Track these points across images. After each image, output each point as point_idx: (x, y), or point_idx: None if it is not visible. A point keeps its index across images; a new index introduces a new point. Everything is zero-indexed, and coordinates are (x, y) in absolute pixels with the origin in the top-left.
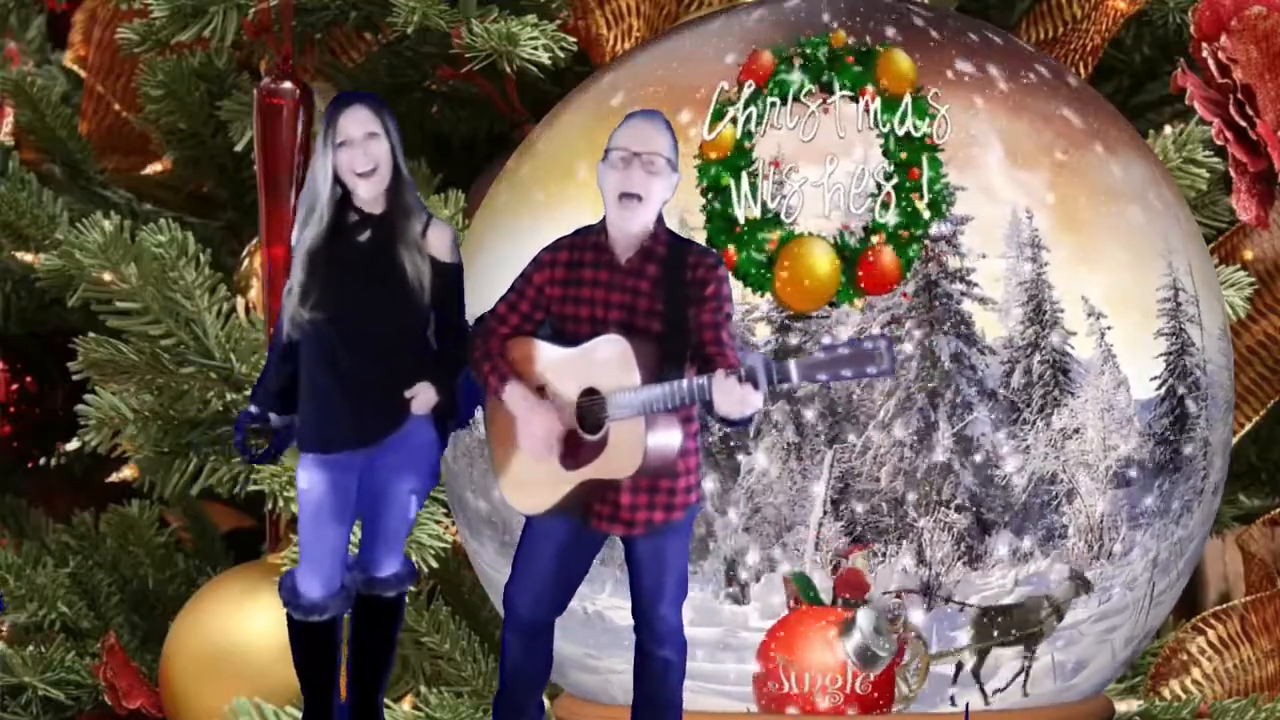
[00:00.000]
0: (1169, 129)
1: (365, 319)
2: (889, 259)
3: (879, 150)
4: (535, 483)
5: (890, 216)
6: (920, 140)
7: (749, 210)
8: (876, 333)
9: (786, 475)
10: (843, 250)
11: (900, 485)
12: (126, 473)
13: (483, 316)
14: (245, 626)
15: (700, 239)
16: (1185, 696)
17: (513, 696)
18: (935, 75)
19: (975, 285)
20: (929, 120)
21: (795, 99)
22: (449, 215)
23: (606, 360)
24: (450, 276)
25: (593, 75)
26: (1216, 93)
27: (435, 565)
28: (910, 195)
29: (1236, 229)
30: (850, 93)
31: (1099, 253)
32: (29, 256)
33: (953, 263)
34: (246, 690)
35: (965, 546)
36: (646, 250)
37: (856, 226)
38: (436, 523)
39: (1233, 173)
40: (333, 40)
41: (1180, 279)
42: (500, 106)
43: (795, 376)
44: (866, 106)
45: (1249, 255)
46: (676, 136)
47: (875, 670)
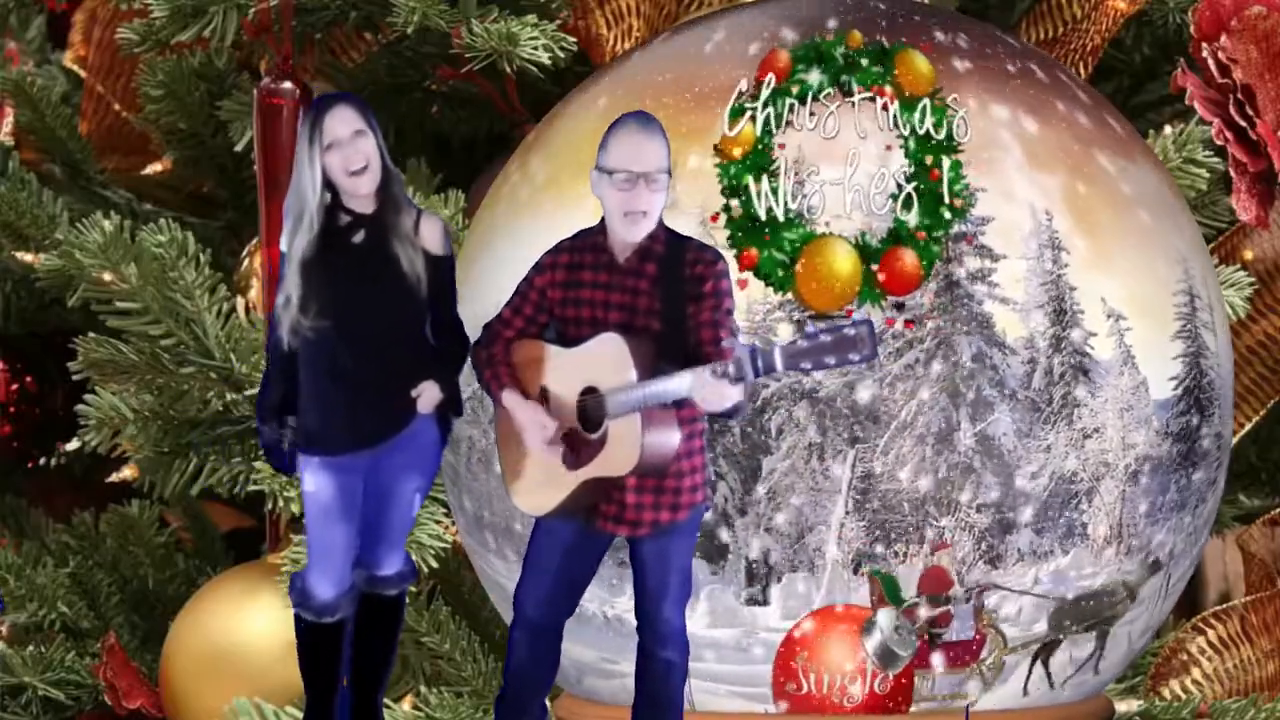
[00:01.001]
0: (1169, 129)
1: (366, 319)
2: (910, 259)
3: (899, 151)
4: (540, 484)
5: (911, 217)
6: (940, 142)
7: (770, 210)
8: (860, 317)
9: (808, 475)
10: (864, 250)
11: (922, 485)
12: (126, 473)
13: (489, 322)
14: (245, 626)
15: (721, 238)
16: (1185, 696)
17: (516, 697)
18: (951, 76)
19: (996, 286)
20: (948, 121)
21: (814, 99)
22: (449, 215)
23: (603, 358)
24: (444, 269)
25: (593, 75)
26: (1216, 93)
27: (435, 565)
28: (931, 196)
29: (1236, 229)
30: (869, 94)
31: (1117, 256)
32: (29, 256)
33: (973, 263)
34: (246, 690)
35: (986, 546)
36: (645, 249)
37: (877, 227)
38: (436, 523)
39: (1233, 173)
40: (333, 40)
41: (1195, 285)
42: (500, 106)
43: (780, 365)
44: (885, 107)
45: (1249, 255)
46: (669, 140)
47: (895, 670)
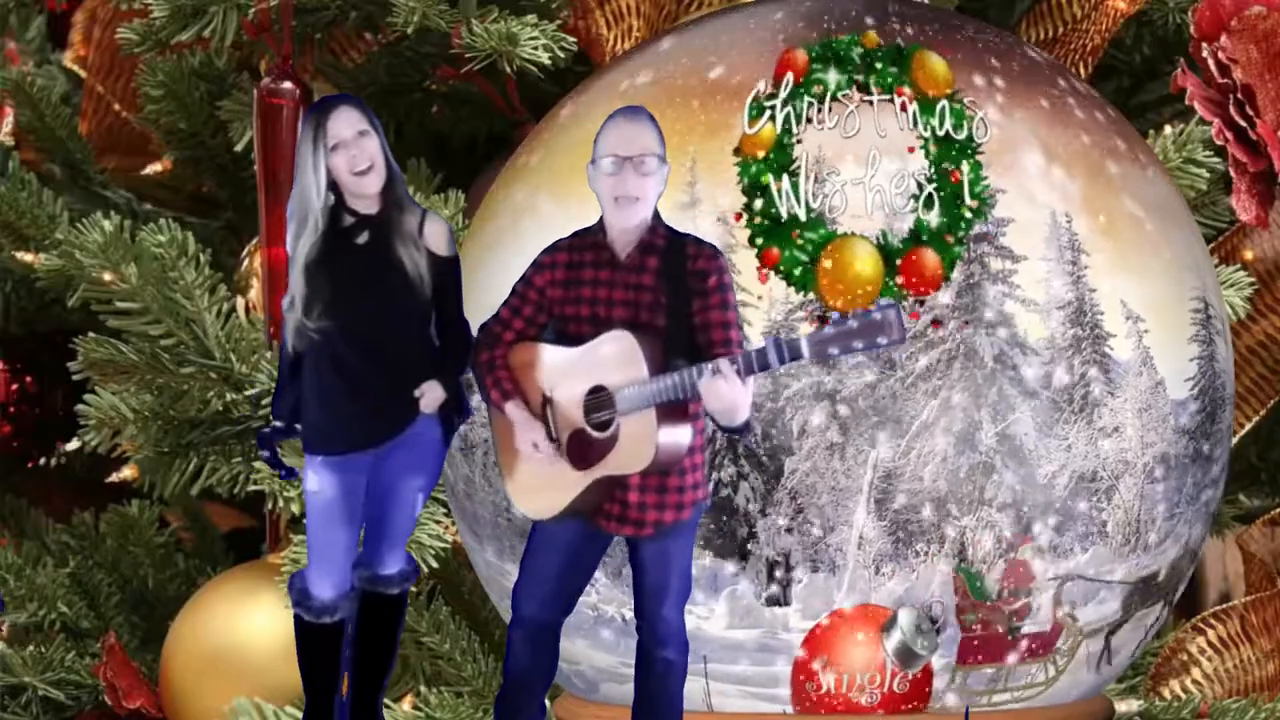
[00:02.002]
0: (1169, 129)
1: (370, 320)
2: (931, 260)
3: (919, 152)
4: (545, 487)
5: (932, 217)
6: (960, 143)
7: (792, 209)
8: (885, 302)
9: (830, 476)
10: (885, 250)
11: (943, 485)
12: (126, 473)
13: (486, 323)
14: (245, 626)
15: (742, 237)
16: (1185, 696)
17: (515, 697)
18: (969, 79)
19: (1017, 287)
20: (967, 123)
21: (833, 98)
22: (449, 215)
23: (612, 356)
24: (448, 270)
25: (594, 74)
26: (1216, 93)
27: (435, 565)
28: (952, 197)
29: (1236, 229)
30: (887, 94)
31: (1135, 261)
32: (29, 256)
33: (995, 264)
34: (246, 690)
35: (1007, 545)
36: (646, 244)
37: (898, 227)
38: (436, 523)
39: (1233, 173)
40: (333, 40)
41: (1208, 294)
42: (500, 106)
43: (807, 353)
44: (904, 107)
45: (1249, 255)
46: (663, 132)
47: (914, 670)
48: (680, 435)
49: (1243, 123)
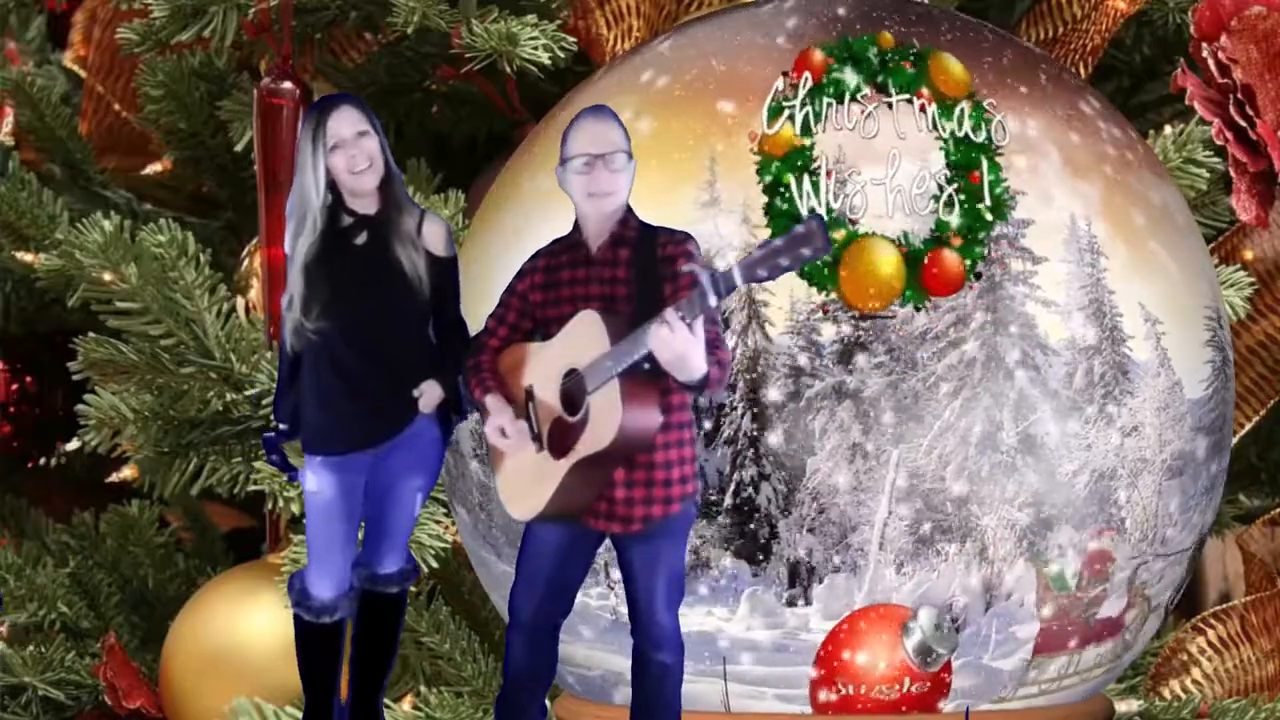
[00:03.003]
0: (1169, 129)
1: (368, 320)
2: (953, 261)
3: (939, 153)
4: (528, 483)
5: (953, 218)
6: (980, 144)
7: (813, 209)
8: (809, 215)
9: (851, 475)
10: (907, 251)
11: (964, 484)
12: (126, 473)
13: (476, 333)
14: (245, 626)
15: (763, 237)
16: (1185, 696)
17: (515, 698)
18: (985, 81)
19: (1038, 288)
20: (986, 124)
21: (852, 98)
22: (449, 215)
23: (579, 335)
24: (447, 270)
25: (593, 75)
26: (1216, 93)
27: (435, 565)
28: (972, 198)
29: (1236, 229)
30: (906, 95)
31: (1152, 265)
32: (29, 256)
33: (1015, 265)
34: (246, 690)
35: (1027, 543)
36: (617, 237)
37: (919, 228)
38: (436, 523)
39: (1233, 173)
40: (333, 40)
41: (1217, 300)
42: (500, 106)
43: (740, 279)
44: (923, 108)
45: (1249, 255)
46: (628, 129)
47: (934, 668)
48: (647, 413)
49: (1243, 123)
